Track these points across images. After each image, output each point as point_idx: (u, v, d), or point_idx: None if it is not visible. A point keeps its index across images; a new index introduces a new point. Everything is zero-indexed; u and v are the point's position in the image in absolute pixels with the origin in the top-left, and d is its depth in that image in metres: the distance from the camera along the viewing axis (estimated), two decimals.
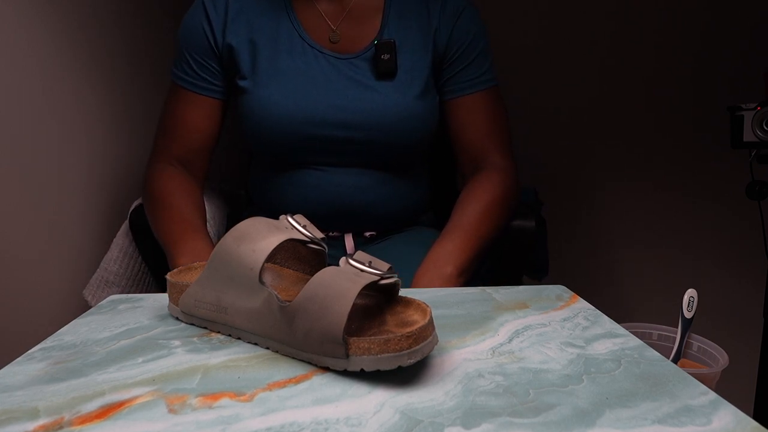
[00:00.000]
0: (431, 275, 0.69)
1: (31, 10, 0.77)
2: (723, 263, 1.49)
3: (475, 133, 0.83)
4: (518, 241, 0.82)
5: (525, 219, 0.82)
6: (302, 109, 0.76)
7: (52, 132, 0.82)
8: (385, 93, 0.78)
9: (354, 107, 0.77)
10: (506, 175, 0.80)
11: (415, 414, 0.33)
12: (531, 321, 0.49)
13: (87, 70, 0.90)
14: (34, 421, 0.33)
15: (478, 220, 0.75)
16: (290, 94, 0.77)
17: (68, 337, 0.46)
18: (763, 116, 0.92)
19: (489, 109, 0.83)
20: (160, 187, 0.78)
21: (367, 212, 0.81)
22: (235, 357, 0.42)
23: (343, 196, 0.80)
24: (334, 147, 0.78)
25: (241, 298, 0.43)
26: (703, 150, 1.45)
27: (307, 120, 0.76)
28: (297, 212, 0.78)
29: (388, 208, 0.83)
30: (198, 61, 0.81)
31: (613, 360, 0.41)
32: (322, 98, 0.77)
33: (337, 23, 0.81)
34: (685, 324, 0.89)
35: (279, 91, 0.77)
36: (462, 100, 0.83)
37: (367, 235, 0.85)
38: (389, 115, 0.77)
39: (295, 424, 0.32)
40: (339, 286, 0.38)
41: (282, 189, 0.83)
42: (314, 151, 0.79)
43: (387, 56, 0.77)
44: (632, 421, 0.33)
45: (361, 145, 0.78)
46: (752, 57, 1.39)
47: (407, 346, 0.36)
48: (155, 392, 0.36)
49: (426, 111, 0.81)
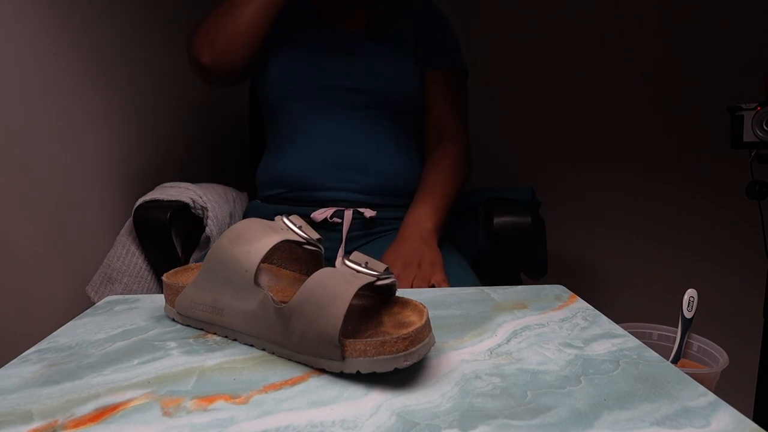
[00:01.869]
0: (413, 232, 0.80)
1: (34, 8, 0.77)
2: (723, 263, 1.48)
3: (438, 107, 0.97)
4: (514, 239, 0.82)
5: (520, 216, 0.82)
6: (307, 63, 0.91)
7: (56, 129, 0.82)
8: (378, 51, 0.93)
9: (358, 64, 0.91)
10: (459, 144, 0.95)
11: (411, 416, 0.33)
12: (529, 321, 0.49)
13: (91, 67, 0.90)
14: (27, 424, 0.33)
15: (443, 183, 0.88)
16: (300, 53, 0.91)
17: (63, 339, 0.46)
18: (763, 116, 0.92)
19: (451, 88, 0.98)
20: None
21: (365, 164, 0.90)
22: (231, 359, 0.41)
23: (344, 147, 0.89)
24: (339, 97, 0.90)
25: (237, 300, 0.43)
26: (703, 150, 1.45)
27: (312, 68, 0.90)
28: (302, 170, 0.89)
29: (386, 164, 0.92)
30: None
31: (611, 361, 0.41)
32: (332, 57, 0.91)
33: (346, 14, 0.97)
34: (685, 324, 0.89)
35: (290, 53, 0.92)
36: (431, 74, 0.97)
37: (367, 216, 0.88)
38: (383, 67, 0.92)
39: (291, 426, 0.32)
40: (335, 288, 0.38)
41: (288, 150, 0.91)
42: (322, 101, 0.90)
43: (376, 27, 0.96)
44: (630, 422, 0.33)
45: (363, 95, 0.90)
46: (752, 57, 1.38)
47: (404, 348, 0.36)
48: (150, 395, 0.36)
49: (415, 74, 0.96)
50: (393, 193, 0.92)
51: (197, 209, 0.87)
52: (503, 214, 0.83)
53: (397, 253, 0.77)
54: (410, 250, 0.77)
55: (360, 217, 0.89)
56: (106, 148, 0.95)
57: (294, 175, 0.90)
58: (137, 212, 0.84)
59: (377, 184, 0.90)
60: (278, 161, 0.92)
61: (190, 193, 0.87)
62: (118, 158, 0.98)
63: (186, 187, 0.88)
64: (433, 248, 0.78)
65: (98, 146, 0.93)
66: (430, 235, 0.80)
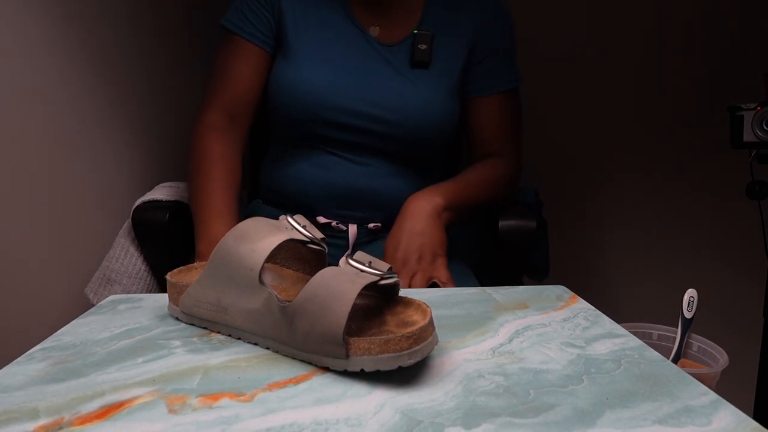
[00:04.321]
0: (421, 200, 0.74)
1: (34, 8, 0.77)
2: (723, 263, 1.49)
3: (491, 133, 0.88)
4: (519, 242, 0.81)
5: (526, 219, 0.81)
6: (337, 84, 0.80)
7: (55, 130, 0.82)
8: (417, 82, 0.81)
9: (385, 91, 0.81)
10: (510, 166, 0.87)
11: (415, 414, 0.33)
12: (531, 321, 0.49)
13: (90, 67, 0.90)
14: (34, 421, 0.33)
15: (477, 180, 0.81)
16: (328, 68, 0.80)
17: (68, 338, 0.46)
18: (763, 116, 0.92)
19: (507, 111, 0.88)
20: (202, 148, 0.80)
21: (375, 201, 0.84)
22: (235, 357, 0.42)
23: (355, 181, 0.83)
24: (358, 125, 0.81)
25: (241, 299, 0.43)
26: (703, 150, 1.45)
27: (340, 93, 0.80)
28: (309, 193, 0.84)
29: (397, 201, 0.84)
30: (253, 10, 0.83)
31: (613, 360, 0.41)
32: (357, 76, 0.81)
33: (379, 18, 0.84)
34: (685, 324, 0.89)
35: (317, 65, 0.81)
36: (483, 100, 0.87)
37: (371, 227, 0.86)
38: (417, 105, 0.81)
39: (295, 424, 0.32)
40: (339, 287, 0.38)
41: (297, 170, 0.85)
42: (339, 127, 0.81)
43: (424, 47, 0.81)
44: (632, 421, 0.33)
45: (384, 128, 0.81)
46: (752, 57, 1.39)
47: (407, 346, 0.36)
48: (155, 392, 0.36)
49: (452, 109, 0.85)
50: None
51: None
52: (508, 218, 0.82)
53: (396, 242, 0.71)
54: (411, 236, 0.71)
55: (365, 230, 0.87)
56: (104, 147, 0.95)
57: (295, 196, 0.86)
58: (136, 213, 0.84)
59: (383, 217, 0.86)
60: (281, 176, 0.88)
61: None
62: (116, 158, 0.98)
63: (185, 187, 0.88)
64: (437, 230, 0.72)
65: (97, 146, 0.93)
66: (434, 209, 0.73)
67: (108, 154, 0.95)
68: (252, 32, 0.83)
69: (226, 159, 0.80)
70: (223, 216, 0.74)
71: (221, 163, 0.79)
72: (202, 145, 0.81)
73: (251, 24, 0.83)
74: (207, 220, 0.73)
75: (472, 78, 0.86)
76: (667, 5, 1.40)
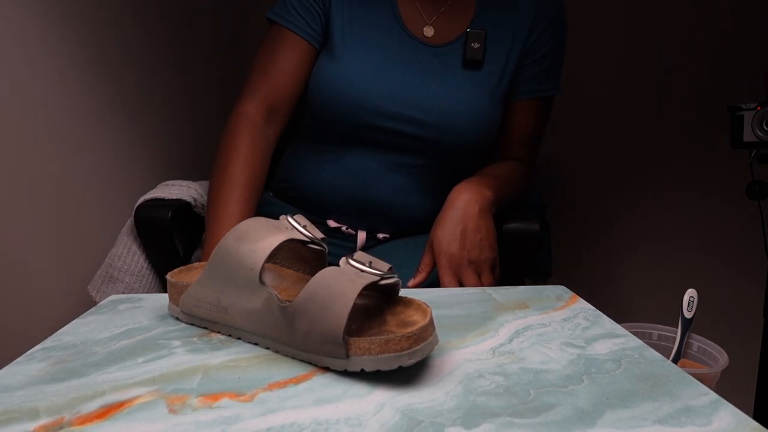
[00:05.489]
0: (471, 191, 0.71)
1: (35, 8, 0.77)
2: (723, 263, 1.49)
3: (521, 138, 0.87)
4: (522, 245, 0.81)
5: (529, 222, 0.81)
6: (378, 86, 0.78)
7: (55, 129, 0.82)
8: (463, 86, 0.79)
9: (427, 94, 0.78)
10: (528, 172, 0.88)
11: (415, 414, 0.33)
12: (531, 321, 0.49)
13: (92, 66, 0.90)
14: (34, 421, 0.33)
15: (509, 179, 0.80)
16: (370, 69, 0.78)
17: (68, 338, 0.46)
18: (763, 116, 0.92)
19: (539, 118, 0.88)
20: (232, 147, 0.77)
21: (392, 216, 0.83)
22: (235, 357, 0.42)
23: (376, 194, 0.81)
24: (393, 128, 0.79)
25: (241, 299, 0.43)
26: (703, 150, 1.45)
27: (381, 95, 0.77)
28: (327, 195, 0.82)
29: (416, 218, 0.84)
30: (304, 4, 0.81)
31: (613, 360, 0.41)
32: (399, 78, 0.78)
33: (432, 18, 0.82)
34: (685, 324, 0.89)
35: (361, 65, 0.78)
36: (524, 104, 0.86)
37: (380, 237, 0.85)
38: (459, 109, 0.79)
39: (296, 424, 0.32)
40: (339, 287, 0.38)
41: (321, 170, 0.83)
42: (374, 129, 0.79)
43: (477, 45, 0.78)
44: (633, 421, 0.33)
45: (421, 131, 0.79)
46: (752, 57, 1.38)
47: (408, 346, 0.36)
48: (155, 392, 0.36)
49: (496, 116, 0.83)
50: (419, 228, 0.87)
51: (199, 208, 0.87)
52: (512, 220, 0.81)
53: (451, 235, 0.69)
54: (462, 228, 0.69)
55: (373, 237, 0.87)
56: (107, 146, 0.95)
57: (311, 195, 0.85)
58: (138, 211, 0.84)
59: (395, 229, 0.85)
60: (302, 172, 0.87)
61: (192, 192, 0.87)
62: (119, 156, 0.98)
63: (188, 186, 0.88)
64: (490, 226, 0.71)
65: (99, 144, 0.93)
66: (484, 202, 0.71)
67: (109, 154, 0.95)
68: (302, 26, 0.81)
69: (254, 162, 0.78)
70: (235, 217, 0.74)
71: (248, 167, 0.77)
72: (232, 144, 0.78)
73: (301, 18, 0.81)
74: (220, 221, 0.72)
75: (518, 80, 0.84)
76: (668, 6, 1.40)
